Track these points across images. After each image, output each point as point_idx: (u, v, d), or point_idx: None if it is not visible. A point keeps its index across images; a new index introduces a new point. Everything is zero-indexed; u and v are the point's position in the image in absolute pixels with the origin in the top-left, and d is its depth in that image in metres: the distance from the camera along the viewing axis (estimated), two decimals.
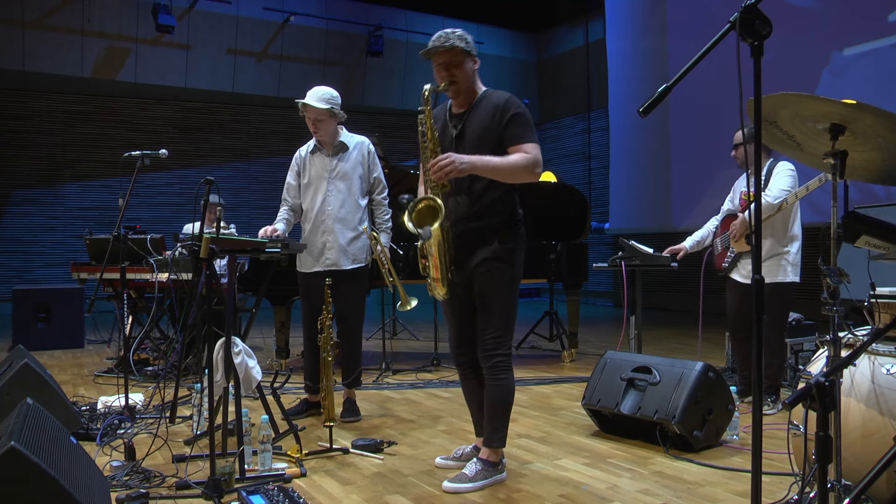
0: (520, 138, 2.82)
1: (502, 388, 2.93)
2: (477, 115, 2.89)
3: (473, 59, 2.90)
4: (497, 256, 2.86)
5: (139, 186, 9.43)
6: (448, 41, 2.83)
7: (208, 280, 2.92)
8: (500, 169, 2.79)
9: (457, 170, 2.72)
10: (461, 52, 2.85)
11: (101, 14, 10.35)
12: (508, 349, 2.94)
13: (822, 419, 1.76)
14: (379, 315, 6.47)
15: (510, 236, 2.88)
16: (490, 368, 2.92)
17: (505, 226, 2.88)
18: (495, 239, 2.86)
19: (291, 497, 2.59)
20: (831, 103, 1.95)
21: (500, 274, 2.86)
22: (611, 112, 11.62)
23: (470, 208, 2.89)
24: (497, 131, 2.83)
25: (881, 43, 7.53)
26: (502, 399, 2.94)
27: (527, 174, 2.81)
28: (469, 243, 2.89)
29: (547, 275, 5.91)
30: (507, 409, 2.96)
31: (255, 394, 3.35)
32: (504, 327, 2.90)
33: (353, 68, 12.41)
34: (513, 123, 2.82)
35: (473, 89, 2.94)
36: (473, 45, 2.90)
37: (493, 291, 2.88)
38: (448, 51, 2.84)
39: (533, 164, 2.80)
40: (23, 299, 6.78)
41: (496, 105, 2.85)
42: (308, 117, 3.86)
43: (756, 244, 1.74)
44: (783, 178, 3.92)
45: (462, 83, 2.88)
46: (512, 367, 2.96)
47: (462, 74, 2.87)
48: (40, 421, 2.24)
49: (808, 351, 4.78)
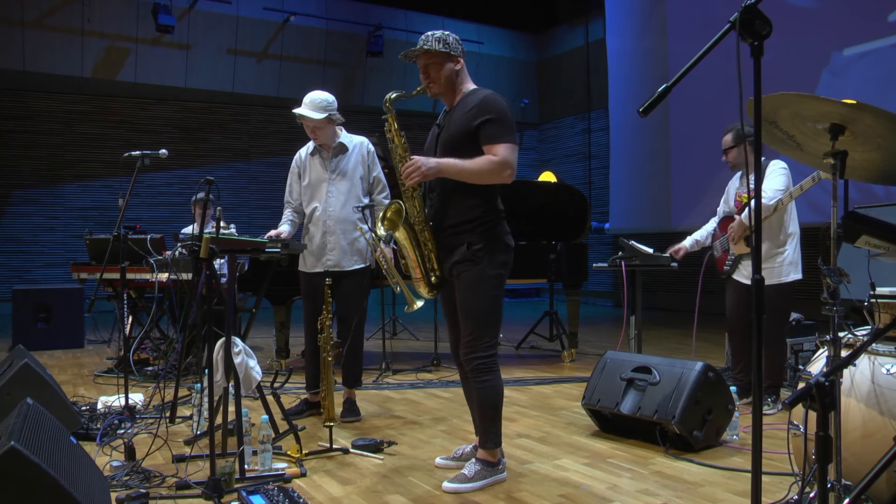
0: (492, 139, 2.81)
1: (486, 389, 2.89)
2: (456, 114, 2.91)
3: (454, 59, 2.90)
4: (466, 258, 2.85)
5: (139, 186, 9.44)
6: (425, 44, 2.86)
7: (208, 280, 2.92)
8: (465, 171, 2.79)
9: (422, 174, 2.74)
10: (437, 55, 2.86)
11: (101, 14, 10.35)
12: (488, 351, 2.89)
13: (822, 419, 1.76)
14: (379, 315, 6.47)
15: (482, 237, 2.86)
16: (471, 371, 2.90)
17: (478, 227, 2.86)
18: (466, 241, 2.85)
19: (291, 497, 2.59)
20: (831, 103, 1.95)
21: (471, 276, 2.85)
22: (611, 112, 11.62)
23: (443, 210, 2.90)
24: (470, 132, 2.83)
25: (881, 43, 7.53)
26: (489, 401, 2.91)
27: (494, 176, 2.81)
28: (445, 244, 2.91)
29: (547, 275, 5.91)
30: (495, 410, 2.93)
31: (255, 394, 3.34)
32: (480, 328, 2.87)
33: (353, 68, 12.41)
34: (487, 123, 2.81)
35: (456, 89, 2.94)
36: (456, 46, 2.89)
37: (464, 294, 2.88)
38: (424, 53, 2.87)
39: (500, 166, 2.78)
40: (23, 299, 6.77)
41: (473, 105, 2.85)
42: (306, 125, 3.88)
43: (756, 244, 1.73)
44: (777, 177, 3.91)
45: (439, 84, 2.90)
46: (496, 367, 2.92)
47: (439, 76, 2.89)
48: (40, 421, 2.24)
49: (808, 351, 4.78)
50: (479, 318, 2.87)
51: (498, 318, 2.94)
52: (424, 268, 2.90)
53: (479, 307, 2.87)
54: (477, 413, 2.98)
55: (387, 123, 2.93)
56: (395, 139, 2.90)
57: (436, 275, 2.91)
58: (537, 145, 14.64)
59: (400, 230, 2.85)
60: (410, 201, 2.88)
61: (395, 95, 2.93)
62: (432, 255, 2.91)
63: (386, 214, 2.90)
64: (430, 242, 2.90)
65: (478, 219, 2.87)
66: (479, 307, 2.87)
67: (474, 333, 2.88)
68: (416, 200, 2.88)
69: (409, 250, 2.89)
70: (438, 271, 2.91)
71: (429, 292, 2.94)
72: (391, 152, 2.93)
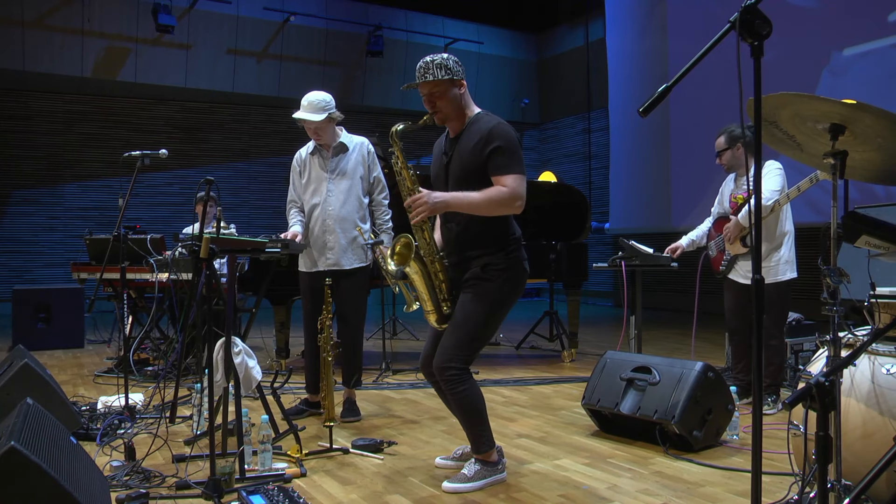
0: (501, 169, 2.78)
1: (463, 399, 2.84)
2: (463, 143, 2.87)
3: (458, 84, 2.86)
4: (482, 277, 2.83)
5: (139, 186, 9.44)
6: (427, 73, 2.81)
7: (208, 280, 2.92)
8: (475, 205, 2.77)
9: (429, 209, 2.73)
10: (441, 83, 2.82)
11: (101, 14, 10.35)
12: (462, 364, 2.82)
13: (822, 419, 1.76)
14: (379, 315, 6.47)
15: (500, 260, 2.84)
16: (444, 382, 2.83)
17: (496, 252, 2.84)
18: (483, 264, 2.83)
19: (291, 497, 2.59)
20: (831, 103, 1.95)
21: (481, 289, 2.83)
22: (611, 112, 11.62)
23: (459, 236, 2.88)
24: (480, 162, 2.80)
25: (881, 43, 7.52)
26: (470, 408, 2.86)
27: (504, 208, 2.79)
28: (460, 269, 2.89)
29: (547, 275, 5.90)
30: (479, 414, 2.89)
31: (255, 394, 3.35)
32: (465, 340, 2.81)
33: (353, 68, 12.41)
34: (495, 153, 2.78)
35: (462, 114, 2.91)
36: (457, 68, 2.84)
37: (467, 301, 2.84)
38: (428, 83, 2.83)
39: (510, 198, 2.76)
40: (23, 299, 6.77)
41: (481, 135, 2.81)
42: (308, 128, 3.89)
43: (756, 243, 1.73)
44: (772, 178, 3.92)
45: (446, 112, 2.87)
46: (469, 376, 2.85)
47: (445, 103, 2.85)
48: (40, 421, 2.24)
49: (808, 351, 4.78)
50: (470, 331, 2.82)
51: (484, 340, 2.89)
52: (436, 299, 2.87)
53: (474, 319, 2.82)
54: (463, 423, 2.94)
55: (393, 156, 2.88)
56: (402, 172, 2.86)
57: (447, 305, 2.88)
58: (537, 145, 14.64)
59: (411, 265, 2.81)
60: (420, 233, 2.85)
61: (401, 128, 2.86)
62: (443, 286, 2.88)
63: (395, 249, 2.86)
64: (442, 273, 2.87)
65: (498, 246, 2.85)
66: (474, 319, 2.82)
67: (458, 343, 2.81)
68: (425, 233, 2.85)
69: (420, 284, 2.85)
70: (450, 302, 2.88)
71: (440, 324, 2.89)
72: (399, 185, 2.89)
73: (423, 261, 2.84)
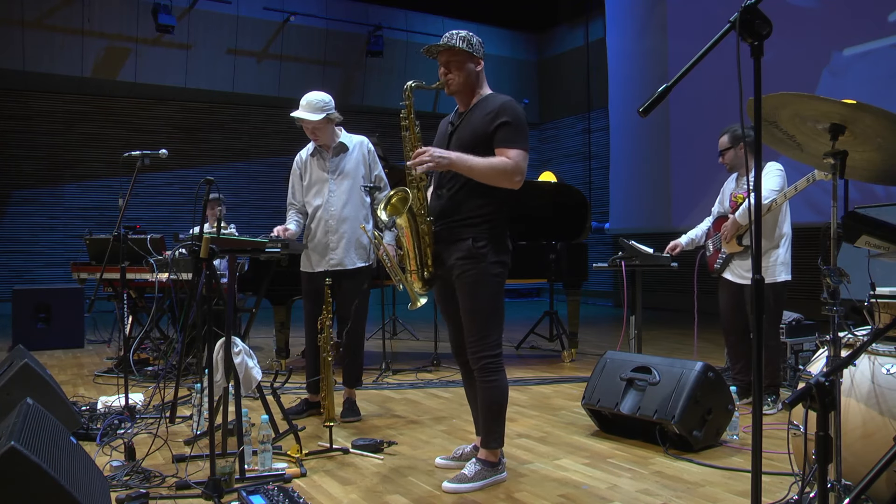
0: (506, 143, 2.82)
1: (493, 389, 2.90)
2: (472, 117, 2.92)
3: (476, 60, 2.92)
4: (469, 255, 2.85)
5: (139, 186, 9.44)
6: (450, 41, 2.87)
7: (208, 280, 2.92)
8: (476, 168, 2.79)
9: (433, 163, 2.75)
10: (460, 53, 2.88)
11: (101, 14, 10.35)
12: (495, 350, 2.90)
13: (822, 419, 1.76)
14: (379, 315, 6.47)
15: (486, 234, 2.87)
16: (479, 371, 2.90)
17: (484, 223, 2.87)
18: (470, 236, 2.86)
19: (291, 497, 2.59)
20: (831, 103, 1.95)
21: (473, 275, 2.85)
22: (611, 112, 11.62)
23: (453, 204, 2.90)
24: (487, 134, 2.84)
25: (881, 43, 7.52)
26: (495, 401, 2.92)
27: (504, 179, 2.81)
28: (447, 237, 2.91)
29: (547, 275, 5.91)
30: (500, 410, 2.94)
31: (255, 394, 3.35)
32: (485, 328, 2.88)
33: (353, 68, 12.41)
34: (503, 127, 2.82)
35: (474, 91, 2.95)
36: (479, 48, 2.92)
37: (468, 294, 2.88)
38: (447, 50, 2.88)
39: (512, 170, 2.79)
40: (23, 299, 6.77)
41: (491, 109, 2.86)
42: (306, 127, 3.89)
43: (756, 243, 1.73)
44: (772, 178, 3.93)
45: (457, 83, 2.91)
46: (502, 367, 2.93)
47: (459, 74, 2.90)
48: (40, 421, 2.24)
49: (808, 351, 4.78)
50: (485, 318, 2.88)
51: (501, 316, 2.95)
52: (420, 261, 2.91)
53: (483, 307, 2.87)
54: (481, 413, 2.98)
55: (403, 111, 2.91)
56: (409, 127, 2.90)
57: (429, 271, 2.92)
58: (537, 145, 14.64)
59: (403, 217, 2.86)
60: (415, 192, 2.89)
61: (414, 84, 2.92)
62: (428, 251, 2.91)
63: (391, 200, 2.91)
64: (429, 237, 2.90)
65: (485, 216, 2.87)
66: (483, 307, 2.87)
67: (480, 333, 2.88)
68: (420, 192, 2.89)
69: (408, 239, 2.90)
70: (432, 268, 2.92)
71: (421, 287, 2.95)
72: (403, 140, 2.92)
73: (414, 218, 2.88)
